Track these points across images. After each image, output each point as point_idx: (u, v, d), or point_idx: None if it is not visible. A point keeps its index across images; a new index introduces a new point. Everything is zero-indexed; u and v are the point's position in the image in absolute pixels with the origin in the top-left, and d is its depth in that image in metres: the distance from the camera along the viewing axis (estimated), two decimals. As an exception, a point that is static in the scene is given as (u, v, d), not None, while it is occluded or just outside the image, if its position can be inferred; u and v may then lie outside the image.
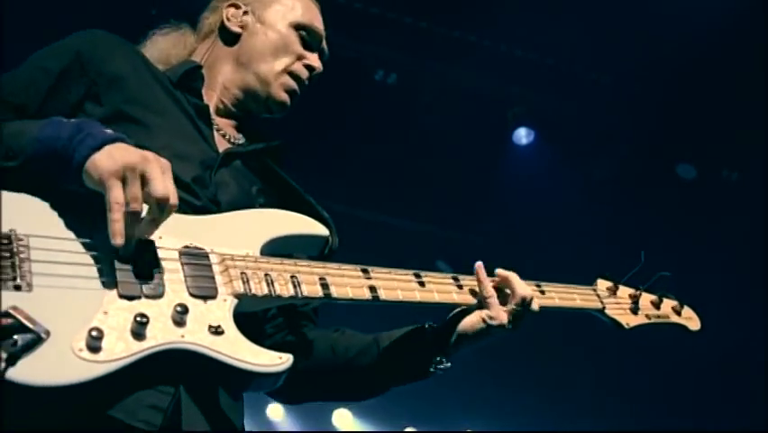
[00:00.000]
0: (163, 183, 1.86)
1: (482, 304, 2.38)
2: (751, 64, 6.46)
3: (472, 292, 2.41)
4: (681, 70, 6.66)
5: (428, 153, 7.28)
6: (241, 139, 2.52)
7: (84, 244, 1.89)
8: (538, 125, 7.49)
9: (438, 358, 2.38)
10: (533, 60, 6.97)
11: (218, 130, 2.47)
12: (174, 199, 1.88)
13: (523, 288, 2.40)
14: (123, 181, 1.83)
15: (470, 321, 2.37)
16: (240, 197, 2.31)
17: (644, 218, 7.58)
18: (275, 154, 2.55)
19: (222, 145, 2.43)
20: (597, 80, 7.10)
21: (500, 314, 2.36)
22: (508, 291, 2.40)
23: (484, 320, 2.36)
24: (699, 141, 7.53)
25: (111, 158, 1.84)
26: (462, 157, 7.41)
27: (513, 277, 2.42)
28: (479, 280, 2.40)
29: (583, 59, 6.91)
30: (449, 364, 2.39)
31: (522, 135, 7.53)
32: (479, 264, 2.42)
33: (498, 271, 2.43)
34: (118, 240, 1.83)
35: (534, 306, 2.43)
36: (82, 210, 1.90)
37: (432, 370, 2.39)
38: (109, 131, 1.94)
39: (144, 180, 1.85)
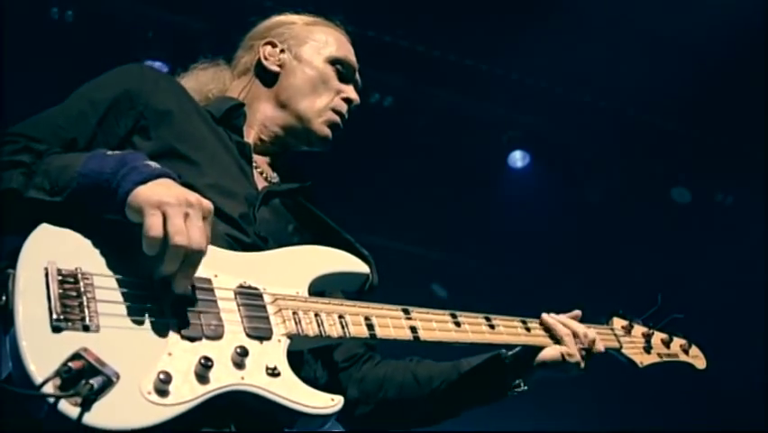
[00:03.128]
0: (200, 231, 1.86)
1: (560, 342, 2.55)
2: (746, 88, 6.51)
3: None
4: (676, 94, 6.70)
5: (423, 176, 7.29)
6: (275, 177, 2.56)
7: (145, 282, 1.90)
8: (533, 149, 7.52)
9: (516, 383, 2.54)
10: (528, 84, 7.00)
11: (256, 168, 2.51)
12: (205, 250, 1.88)
13: (585, 328, 2.59)
14: (164, 216, 1.82)
15: (550, 354, 2.54)
16: (279, 235, 2.35)
17: (639, 242, 7.59)
18: (308, 193, 2.60)
19: (260, 183, 2.47)
20: (592, 104, 7.14)
21: (576, 352, 2.53)
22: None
23: (563, 356, 2.52)
24: (694, 165, 7.57)
25: (153, 193, 1.84)
26: (457, 180, 7.43)
27: (571, 320, 2.60)
28: (550, 327, 2.56)
29: (578, 83, 6.95)
30: (526, 388, 2.55)
31: (517, 158, 7.55)
32: (544, 315, 2.60)
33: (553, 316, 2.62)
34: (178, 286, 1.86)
35: (600, 346, 2.60)
36: (141, 248, 1.90)
37: (509, 394, 2.55)
38: (154, 164, 1.94)
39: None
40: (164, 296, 1.89)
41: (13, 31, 5.36)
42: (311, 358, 2.36)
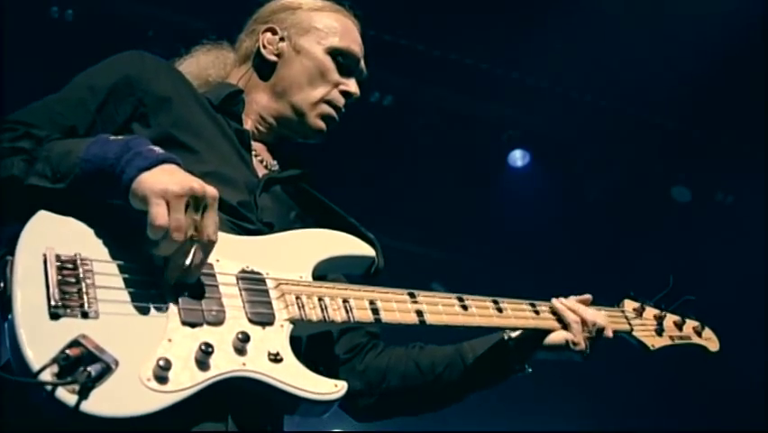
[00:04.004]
0: (212, 222, 1.85)
1: (567, 327, 2.53)
2: (746, 87, 6.51)
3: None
4: (677, 93, 6.70)
5: (423, 175, 7.29)
6: (275, 165, 2.53)
7: (145, 268, 1.88)
8: (533, 148, 7.52)
9: (518, 367, 2.53)
10: (528, 83, 7.00)
11: (256, 155, 2.48)
12: (215, 239, 1.87)
13: (595, 315, 2.55)
14: (168, 205, 1.80)
15: (555, 339, 2.52)
16: (281, 221, 2.33)
17: (639, 240, 7.59)
18: (309, 179, 2.56)
19: (259, 171, 2.44)
20: (592, 103, 7.14)
21: (582, 341, 2.51)
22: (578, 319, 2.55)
23: (567, 343, 2.50)
24: (694, 164, 7.57)
25: (157, 180, 1.81)
26: (457, 179, 7.43)
27: (581, 306, 2.57)
28: (559, 312, 2.54)
29: (579, 82, 6.95)
30: (530, 370, 2.55)
31: (517, 157, 7.56)
32: (554, 301, 2.58)
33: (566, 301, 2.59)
34: (170, 274, 1.84)
35: (609, 333, 2.57)
36: (141, 234, 1.88)
37: (513, 376, 2.55)
38: (158, 150, 1.91)
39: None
40: (164, 282, 1.87)
41: (13, 30, 5.35)
42: (312, 350, 2.33)
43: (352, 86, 2.56)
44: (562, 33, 6.27)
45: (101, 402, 1.65)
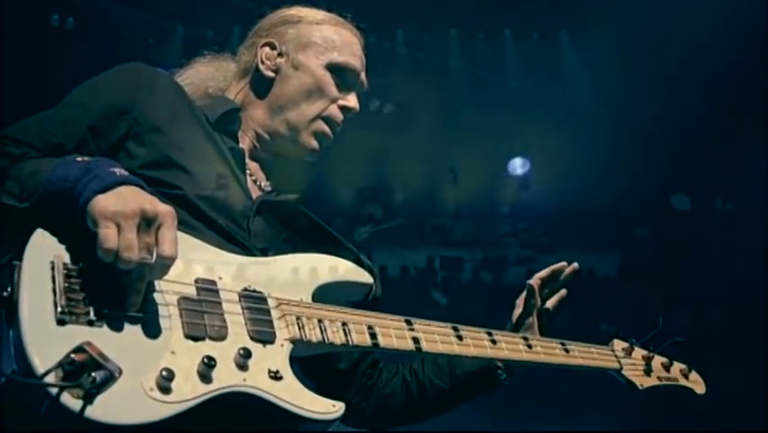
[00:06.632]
0: (166, 239, 1.83)
1: None
2: (747, 96, 6.53)
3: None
4: (678, 103, 6.72)
5: (423, 182, 7.31)
6: (268, 186, 2.52)
7: (149, 282, 1.89)
8: (533, 156, 7.55)
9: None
10: (528, 92, 7.03)
11: (250, 175, 2.47)
12: (170, 254, 1.83)
13: None
14: (119, 227, 1.79)
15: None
16: (274, 246, 2.34)
17: (639, 248, 7.61)
18: (307, 202, 2.55)
19: (253, 192, 2.43)
20: (593, 112, 7.17)
21: None
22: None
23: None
24: (694, 172, 7.60)
25: (109, 203, 1.80)
26: (457, 186, 7.45)
27: None
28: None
29: (579, 91, 6.98)
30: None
31: (517, 165, 7.59)
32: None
33: None
34: (131, 300, 1.83)
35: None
36: None
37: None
38: (119, 171, 1.90)
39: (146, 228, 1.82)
40: (168, 295, 1.91)
41: (15, 37, 5.38)
42: (313, 366, 2.35)
43: (351, 101, 2.55)
44: (563, 43, 6.30)
45: (105, 409, 1.67)
